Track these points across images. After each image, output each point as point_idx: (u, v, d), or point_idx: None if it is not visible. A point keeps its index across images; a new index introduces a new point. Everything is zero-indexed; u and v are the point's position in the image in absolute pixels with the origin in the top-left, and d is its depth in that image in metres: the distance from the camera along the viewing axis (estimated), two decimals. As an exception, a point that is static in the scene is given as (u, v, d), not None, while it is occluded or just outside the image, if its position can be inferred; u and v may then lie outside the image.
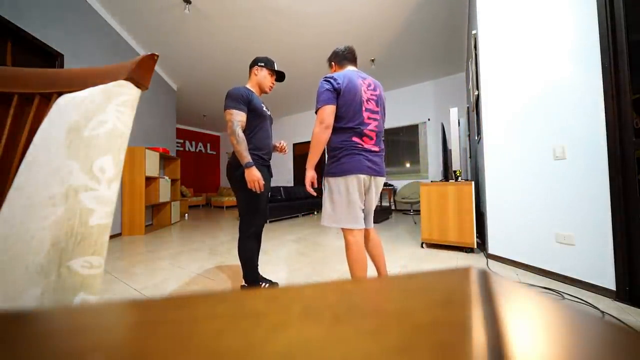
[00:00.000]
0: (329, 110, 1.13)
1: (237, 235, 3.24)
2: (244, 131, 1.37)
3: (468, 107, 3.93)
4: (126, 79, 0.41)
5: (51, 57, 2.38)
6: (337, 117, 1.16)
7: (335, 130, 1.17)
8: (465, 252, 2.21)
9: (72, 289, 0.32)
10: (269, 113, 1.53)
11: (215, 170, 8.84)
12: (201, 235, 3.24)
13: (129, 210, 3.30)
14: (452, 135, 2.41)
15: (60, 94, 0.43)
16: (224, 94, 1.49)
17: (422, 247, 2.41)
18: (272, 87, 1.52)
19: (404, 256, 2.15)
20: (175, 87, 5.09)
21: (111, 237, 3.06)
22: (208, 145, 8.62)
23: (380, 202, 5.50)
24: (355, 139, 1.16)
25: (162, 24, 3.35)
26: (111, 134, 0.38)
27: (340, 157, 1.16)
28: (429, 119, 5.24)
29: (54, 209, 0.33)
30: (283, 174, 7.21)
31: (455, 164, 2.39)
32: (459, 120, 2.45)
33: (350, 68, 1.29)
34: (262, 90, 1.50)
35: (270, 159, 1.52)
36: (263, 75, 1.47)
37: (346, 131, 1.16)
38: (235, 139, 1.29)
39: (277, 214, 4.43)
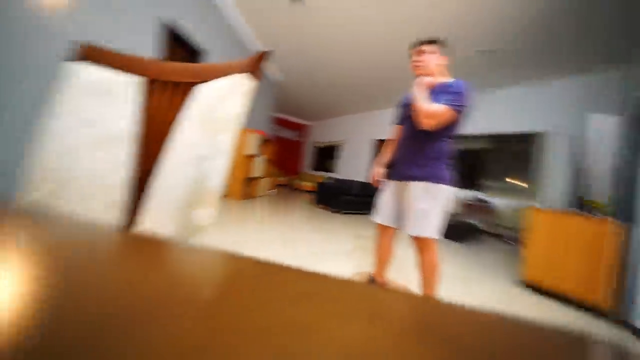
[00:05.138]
0: (460, 117, 1.11)
1: (303, 210, 3.53)
2: None
3: (626, 115, 2.80)
4: (246, 72, 0.50)
5: (198, 53, 3.10)
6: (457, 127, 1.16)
7: (451, 138, 1.18)
8: (588, 311, 1.64)
9: (191, 230, 0.43)
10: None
11: (300, 156, 9.66)
12: (283, 207, 3.66)
13: (232, 178, 4.05)
14: (592, 151, 1.79)
15: (199, 83, 0.56)
16: (321, 88, 1.56)
17: (520, 287, 1.94)
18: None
19: (490, 293, 1.78)
20: (281, 77, 5.73)
21: (217, 197, 3.83)
22: (297, 133, 9.45)
23: (468, 219, 4.73)
24: None
25: (276, 19, 3.78)
26: (231, 117, 0.47)
27: (451, 167, 1.18)
28: (552, 127, 4.05)
29: (188, 170, 0.44)
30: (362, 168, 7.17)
31: (595, 192, 1.78)
32: (605, 132, 1.79)
33: None
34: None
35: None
36: None
37: (453, 142, 1.20)
38: None
39: (351, 208, 4.57)
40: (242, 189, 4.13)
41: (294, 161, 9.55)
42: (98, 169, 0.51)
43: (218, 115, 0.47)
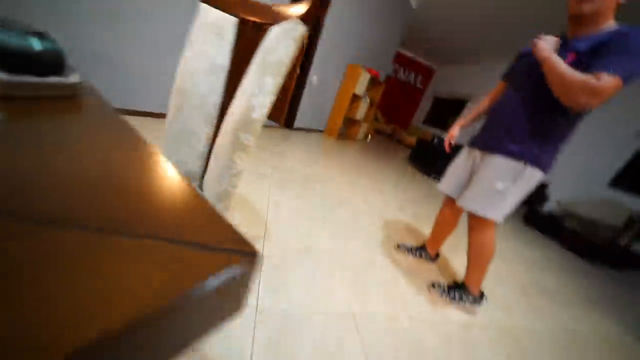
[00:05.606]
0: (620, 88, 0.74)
1: (393, 167, 3.43)
2: None
3: None
4: (299, 17, 0.54)
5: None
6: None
7: (575, 114, 0.86)
8: None
9: (237, 146, 0.60)
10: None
11: (414, 106, 8.64)
12: (373, 158, 3.71)
13: (333, 116, 4.26)
14: None
15: (274, 25, 0.64)
16: (472, 25, 1.29)
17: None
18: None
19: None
20: (414, 4, 4.80)
21: (313, 131, 4.22)
22: (419, 77, 8.21)
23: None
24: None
25: None
26: (278, 62, 0.55)
27: (557, 149, 0.94)
28: None
29: (243, 102, 0.59)
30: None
31: None
32: None
33: None
34: None
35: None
36: None
37: (581, 120, 0.89)
38: None
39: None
40: (339, 129, 4.32)
41: (405, 110, 8.67)
42: (205, 91, 0.73)
43: (269, 59, 0.56)
